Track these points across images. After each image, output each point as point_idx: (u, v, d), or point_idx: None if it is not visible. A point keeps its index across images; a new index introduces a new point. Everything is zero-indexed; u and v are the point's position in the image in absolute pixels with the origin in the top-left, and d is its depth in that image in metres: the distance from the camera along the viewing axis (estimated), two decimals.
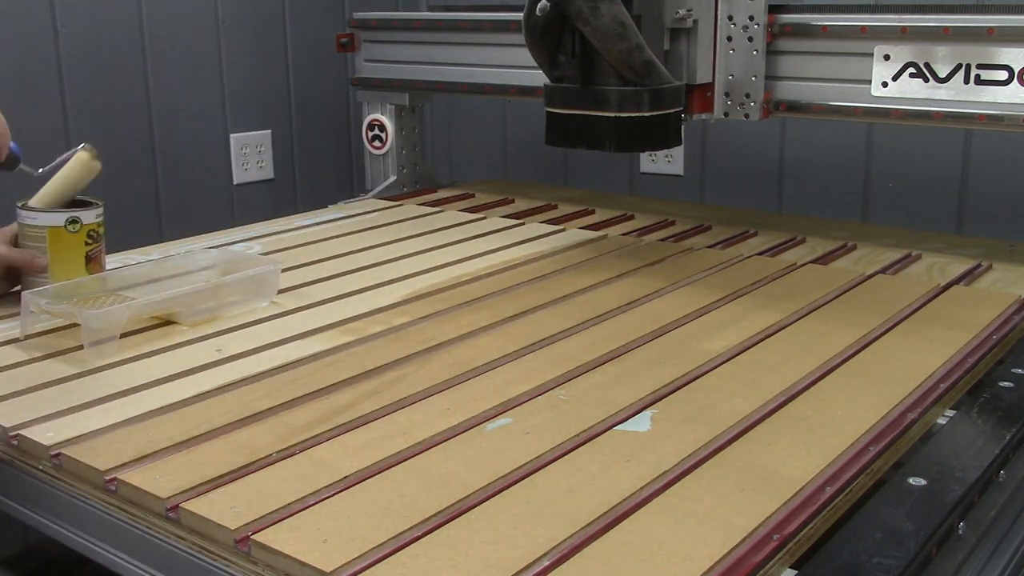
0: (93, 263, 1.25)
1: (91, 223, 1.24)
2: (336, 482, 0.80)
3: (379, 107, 1.98)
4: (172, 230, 1.92)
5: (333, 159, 2.27)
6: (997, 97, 1.30)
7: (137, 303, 1.14)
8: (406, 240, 1.56)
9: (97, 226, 1.25)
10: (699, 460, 0.83)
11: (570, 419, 0.91)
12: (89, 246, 1.24)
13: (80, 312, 1.09)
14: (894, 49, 1.36)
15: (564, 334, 1.14)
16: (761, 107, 1.45)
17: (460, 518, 0.75)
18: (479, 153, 2.40)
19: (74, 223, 1.22)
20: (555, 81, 1.29)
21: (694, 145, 2.05)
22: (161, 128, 1.91)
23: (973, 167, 1.77)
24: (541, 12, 1.22)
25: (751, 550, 0.71)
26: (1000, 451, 0.87)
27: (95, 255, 1.25)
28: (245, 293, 1.23)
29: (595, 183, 2.19)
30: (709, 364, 1.04)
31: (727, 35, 1.45)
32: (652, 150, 1.90)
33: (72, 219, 1.22)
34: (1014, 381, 1.02)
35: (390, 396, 0.97)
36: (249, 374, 1.02)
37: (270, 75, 2.10)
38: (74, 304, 1.15)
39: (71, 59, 1.76)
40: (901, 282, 1.33)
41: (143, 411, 0.93)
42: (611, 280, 1.34)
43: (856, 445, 0.86)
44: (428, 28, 1.88)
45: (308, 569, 0.69)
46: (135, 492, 0.80)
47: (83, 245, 1.24)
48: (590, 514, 0.75)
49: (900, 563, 0.69)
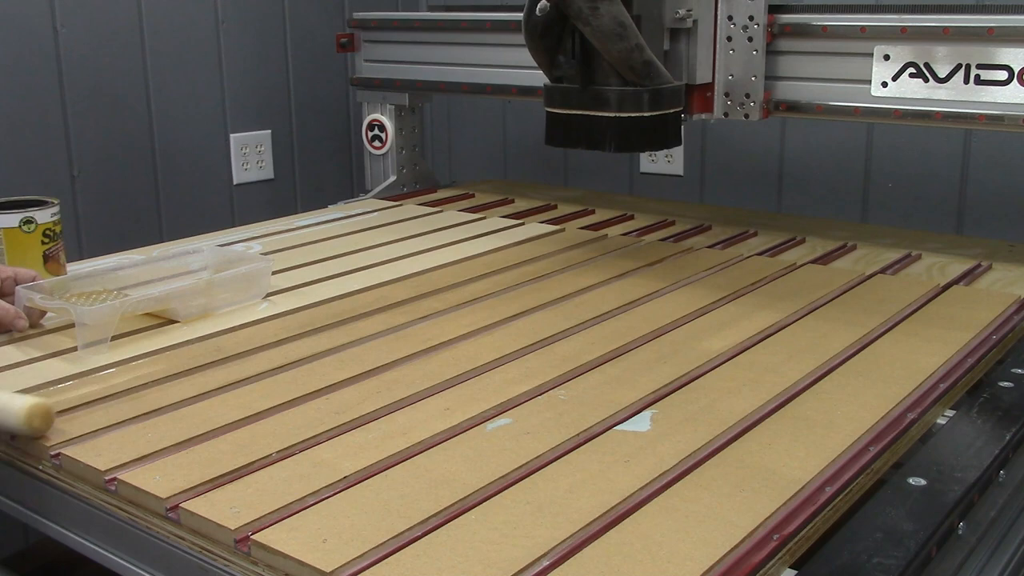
0: (52, 262, 1.25)
1: (47, 222, 1.24)
2: (336, 482, 0.80)
3: (379, 107, 1.98)
4: (172, 230, 1.92)
5: (333, 159, 2.27)
6: (997, 97, 1.30)
7: (130, 300, 1.15)
8: (406, 240, 1.56)
9: (53, 225, 1.25)
10: (699, 460, 0.83)
11: (570, 419, 0.91)
12: (46, 245, 1.24)
13: (73, 308, 1.09)
14: (894, 49, 1.36)
15: (564, 334, 1.14)
16: (761, 107, 1.45)
17: (460, 518, 0.75)
18: (479, 153, 2.40)
19: (28, 223, 1.22)
20: (555, 81, 1.29)
21: (694, 145, 2.05)
22: (161, 128, 1.91)
23: (973, 167, 1.77)
24: (541, 12, 1.22)
25: (751, 550, 0.71)
26: (1000, 451, 0.87)
27: (53, 254, 1.25)
28: (237, 290, 1.23)
29: (595, 183, 2.19)
30: (709, 364, 1.04)
31: (727, 35, 1.45)
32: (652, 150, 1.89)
33: (26, 219, 1.22)
34: (1014, 381, 1.02)
35: (390, 396, 0.97)
36: (249, 374, 1.02)
37: (270, 75, 2.10)
38: (68, 300, 1.15)
39: (71, 59, 1.76)
40: (901, 282, 1.33)
41: (143, 411, 0.93)
42: (611, 280, 1.34)
43: (856, 445, 0.86)
44: (428, 28, 1.88)
45: (308, 569, 0.69)
46: (135, 492, 0.80)
47: (40, 244, 1.24)
48: (590, 514, 0.75)
49: (900, 563, 0.69)
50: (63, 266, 1.27)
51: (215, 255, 1.34)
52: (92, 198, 1.81)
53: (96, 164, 1.81)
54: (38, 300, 1.12)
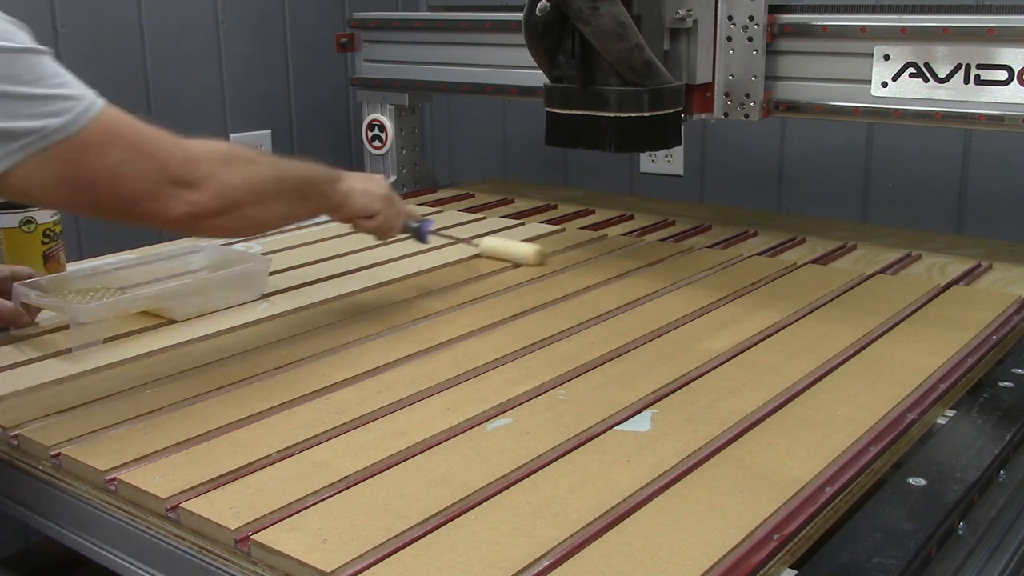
0: (52, 262, 1.26)
1: (46, 222, 1.25)
2: (336, 482, 0.80)
3: (379, 107, 1.98)
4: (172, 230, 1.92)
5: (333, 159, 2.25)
6: (997, 97, 1.30)
7: (125, 298, 1.15)
8: (406, 240, 1.56)
9: (53, 225, 1.26)
10: (699, 460, 0.83)
11: (570, 419, 0.91)
12: (46, 245, 1.25)
13: (68, 305, 1.09)
14: (894, 49, 1.36)
15: (564, 334, 1.14)
16: (761, 107, 1.45)
17: (460, 518, 0.75)
18: (479, 153, 2.40)
19: (28, 223, 1.23)
20: (555, 81, 1.29)
21: (694, 145, 2.05)
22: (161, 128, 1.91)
23: (973, 167, 1.77)
24: (541, 12, 1.22)
25: (751, 550, 0.71)
26: (1000, 451, 0.87)
27: (53, 254, 1.26)
28: (234, 289, 1.23)
29: (595, 183, 2.19)
30: (709, 364, 1.04)
31: (727, 35, 1.45)
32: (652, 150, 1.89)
33: (26, 219, 1.23)
34: (1014, 381, 1.02)
35: (390, 396, 0.97)
36: (249, 374, 1.02)
37: (270, 75, 2.10)
38: (63, 298, 1.14)
39: (71, 59, 1.75)
40: (901, 282, 1.33)
41: (143, 411, 0.93)
42: (611, 280, 1.34)
43: (856, 445, 0.86)
44: (428, 28, 1.88)
45: (308, 569, 0.69)
46: (135, 492, 0.80)
47: (40, 244, 1.24)
48: (590, 514, 0.75)
49: (900, 563, 0.69)
50: (63, 266, 1.28)
51: (215, 255, 1.34)
52: None
53: None
54: (34, 297, 1.12)
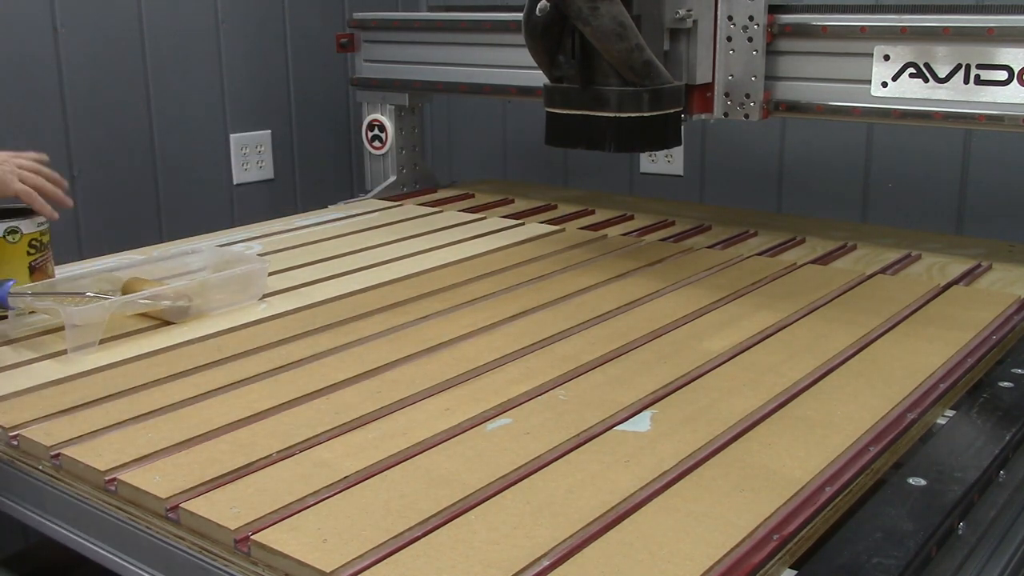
0: (38, 273, 1.20)
1: (32, 232, 1.19)
2: (336, 482, 0.80)
3: (379, 107, 1.98)
4: (172, 230, 1.92)
5: (333, 159, 2.27)
6: (997, 97, 1.30)
7: (119, 300, 1.14)
8: (406, 240, 1.56)
9: (40, 235, 1.20)
10: (699, 460, 0.83)
11: (570, 419, 0.91)
12: (32, 256, 1.19)
13: (62, 308, 1.08)
14: (894, 49, 1.36)
15: (564, 334, 1.14)
16: (761, 107, 1.45)
17: (460, 518, 0.75)
18: (479, 153, 2.40)
19: (13, 233, 1.17)
20: (555, 81, 1.29)
21: (694, 145, 2.05)
22: (161, 128, 1.91)
23: (973, 167, 1.77)
24: (541, 12, 1.22)
25: (751, 550, 0.71)
26: (1000, 451, 0.87)
27: (40, 265, 1.20)
28: (232, 291, 1.23)
29: (595, 183, 2.19)
30: (709, 364, 1.04)
31: (727, 35, 1.45)
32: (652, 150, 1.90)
33: (11, 229, 1.17)
34: (1014, 381, 1.02)
35: (390, 396, 0.97)
36: (249, 374, 1.02)
37: (270, 75, 2.10)
38: (59, 301, 1.14)
39: (71, 59, 1.76)
40: (901, 282, 1.33)
41: (143, 411, 0.93)
42: (611, 280, 1.34)
43: (856, 445, 0.86)
44: (428, 28, 1.88)
45: (308, 569, 0.69)
46: (135, 492, 0.80)
47: (25, 255, 1.18)
48: (590, 514, 0.75)
49: (900, 563, 0.69)
50: (51, 277, 1.23)
51: (214, 255, 1.34)
52: (92, 198, 1.81)
53: (96, 164, 1.81)
54: (28, 299, 1.11)
